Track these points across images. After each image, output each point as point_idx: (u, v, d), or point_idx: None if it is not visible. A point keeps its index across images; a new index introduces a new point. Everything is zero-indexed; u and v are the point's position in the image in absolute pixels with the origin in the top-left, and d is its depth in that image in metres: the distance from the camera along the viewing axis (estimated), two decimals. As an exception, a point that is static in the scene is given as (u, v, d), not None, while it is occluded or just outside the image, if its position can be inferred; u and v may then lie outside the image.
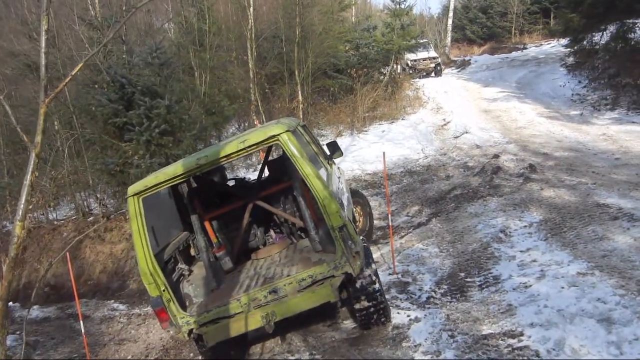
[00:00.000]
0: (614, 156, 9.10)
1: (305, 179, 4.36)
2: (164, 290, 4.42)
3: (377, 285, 4.66)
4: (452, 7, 31.96)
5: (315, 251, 4.96)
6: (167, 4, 17.56)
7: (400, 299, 5.49)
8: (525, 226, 6.58)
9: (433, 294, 5.46)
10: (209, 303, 4.69)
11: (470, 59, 28.42)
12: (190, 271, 5.22)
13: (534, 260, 5.59)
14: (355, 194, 7.12)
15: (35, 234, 9.51)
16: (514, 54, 27.30)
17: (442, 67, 24.86)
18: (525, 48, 28.65)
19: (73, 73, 2.55)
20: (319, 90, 16.83)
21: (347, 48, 18.68)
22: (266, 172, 6.39)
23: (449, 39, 32.06)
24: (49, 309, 7.85)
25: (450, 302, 5.21)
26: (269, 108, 15.47)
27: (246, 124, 14.94)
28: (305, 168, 4.33)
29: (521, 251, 5.93)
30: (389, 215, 6.31)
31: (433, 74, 23.47)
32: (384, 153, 6.71)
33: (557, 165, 8.99)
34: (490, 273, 5.59)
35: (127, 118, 8.53)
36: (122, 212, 9.46)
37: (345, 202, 5.02)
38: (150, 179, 4.54)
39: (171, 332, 4.63)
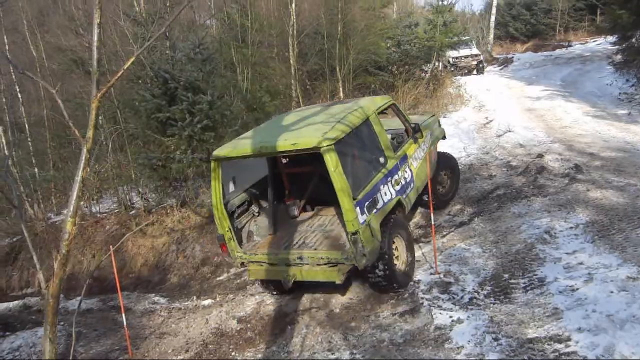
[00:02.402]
0: (664, 157, 8.75)
1: (338, 194, 4.97)
2: (227, 231, 5.78)
3: (384, 265, 5.49)
4: (495, 3, 31.23)
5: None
6: (210, 1, 17.88)
7: (443, 300, 5.41)
8: (571, 227, 6.38)
9: (476, 295, 5.36)
10: (260, 247, 6.07)
11: (513, 57, 27.76)
12: (260, 213, 6.48)
13: (581, 263, 5.42)
14: (447, 160, 8.12)
15: (79, 226, 9.81)
16: (558, 51, 26.52)
17: (485, 64, 24.33)
18: (570, 45, 27.83)
19: (125, 67, 2.58)
20: (360, 87, 16.74)
21: (388, 45, 18.50)
22: None
23: (491, 36, 31.36)
24: (91, 300, 8.08)
25: (494, 303, 5.10)
26: (310, 104, 15.52)
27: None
28: (336, 183, 4.94)
29: (567, 253, 5.75)
30: (431, 215, 6.21)
31: (475, 72, 23.02)
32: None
33: (604, 166, 8.68)
34: (535, 275, 5.44)
35: (170, 113, 8.70)
36: (163, 206, 9.68)
37: (398, 189, 5.99)
38: (227, 151, 5.62)
39: (227, 259, 6.12)
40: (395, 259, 5.72)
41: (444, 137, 8.46)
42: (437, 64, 18.67)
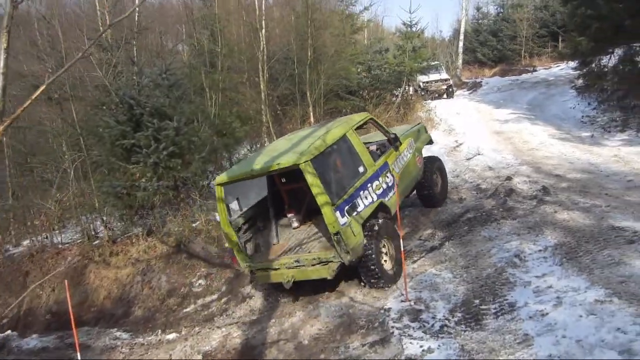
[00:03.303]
0: (626, 178, 8.93)
1: (317, 201, 5.80)
2: (235, 245, 6.64)
3: (371, 263, 6.20)
4: (462, 30, 32.15)
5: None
6: (181, 26, 17.80)
7: (413, 328, 5.29)
8: (540, 250, 6.37)
9: (447, 322, 5.25)
10: (264, 256, 6.96)
11: (481, 81, 28.44)
12: (264, 227, 7.44)
13: (550, 287, 5.38)
14: (435, 163, 8.87)
15: (39, 258, 9.37)
16: (524, 76, 27.28)
17: (454, 88, 24.84)
18: (535, 70, 28.68)
19: (33, 97, 2.44)
20: (331, 111, 16.80)
21: (359, 70, 18.72)
22: None
23: (460, 61, 32.15)
24: (48, 337, 7.65)
25: (465, 331, 5.00)
26: (280, 129, 15.46)
27: (258, 145, 14.92)
28: (315, 193, 5.81)
29: (537, 276, 5.71)
30: (401, 240, 6.13)
31: (445, 96, 23.43)
32: (394, 177, 6.59)
33: (570, 187, 8.80)
34: (506, 300, 5.38)
35: (135, 140, 8.49)
36: (128, 236, 9.35)
37: (379, 193, 6.74)
38: (225, 177, 6.56)
39: (238, 268, 7.02)
40: (383, 261, 6.45)
41: (430, 142, 9.45)
42: (407, 88, 18.93)
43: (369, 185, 6.61)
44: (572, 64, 18.74)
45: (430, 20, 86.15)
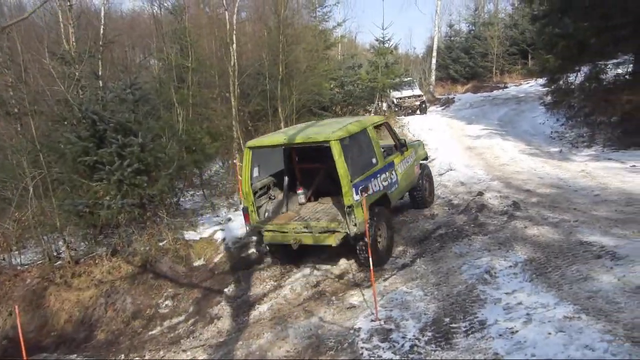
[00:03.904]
0: (593, 192, 9.07)
1: (339, 174, 6.70)
2: (251, 204, 7.49)
3: (372, 242, 6.90)
4: (435, 47, 32.68)
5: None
6: (152, 40, 17.57)
7: (383, 349, 5.15)
8: (511, 266, 6.35)
9: (417, 342, 5.13)
10: (274, 219, 7.68)
11: (454, 97, 28.84)
12: (275, 197, 8.19)
13: (520, 303, 5.33)
14: (423, 169, 9.73)
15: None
16: (495, 92, 27.79)
17: (427, 104, 25.09)
18: (506, 87, 29.27)
19: None
20: (303, 127, 16.71)
21: (332, 85, 18.76)
22: None
23: (433, 77, 32.61)
24: (2, 366, 7.27)
25: (435, 350, 4.89)
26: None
27: (229, 162, 14.71)
28: (339, 167, 6.69)
29: (507, 293, 5.66)
30: (370, 259, 6.00)
31: (418, 112, 23.63)
32: (364, 192, 6.53)
33: (540, 202, 8.87)
34: (476, 317, 5.29)
35: (98, 156, 8.20)
36: (92, 256, 8.99)
37: (385, 184, 7.74)
38: (258, 142, 7.50)
39: (247, 228, 7.73)
40: (378, 242, 7.29)
41: (426, 159, 10.35)
42: (380, 104, 19.01)
43: (378, 175, 7.59)
44: (541, 81, 19.19)
45: (403, 37, 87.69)
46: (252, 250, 9.26)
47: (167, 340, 7.22)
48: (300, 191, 8.32)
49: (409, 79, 24.75)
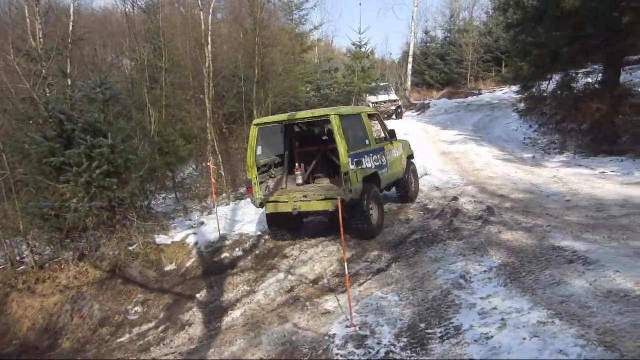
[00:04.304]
0: (564, 198, 9.22)
1: (337, 145, 7.60)
2: (254, 177, 8.34)
3: (364, 209, 7.94)
4: (411, 52, 32.97)
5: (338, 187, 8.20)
6: (124, 39, 17.19)
7: (358, 355, 5.05)
8: (485, 271, 6.34)
9: (392, 347, 5.05)
10: (275, 192, 8.58)
11: (429, 103, 29.14)
12: (275, 175, 9.09)
13: (495, 308, 5.31)
14: (409, 166, 10.54)
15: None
16: (469, 98, 28.19)
17: (403, 109, 25.26)
18: (480, 93, 29.74)
19: None
20: (279, 130, 16.57)
21: (308, 89, 18.69)
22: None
23: (409, 83, 32.89)
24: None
25: (410, 356, 4.81)
26: (226, 148, 15.07)
27: (203, 164, 14.47)
28: (337, 139, 7.59)
29: (481, 298, 5.63)
30: (345, 263, 5.91)
31: (394, 116, 23.77)
32: (339, 198, 6.48)
33: (513, 207, 8.96)
34: (451, 323, 5.24)
35: (65, 157, 7.90)
36: (57, 261, 8.66)
37: (376, 164, 8.67)
38: (262, 120, 8.61)
39: (250, 198, 8.57)
40: (370, 214, 8.09)
41: (412, 157, 11.02)
42: (356, 108, 18.99)
43: (370, 154, 8.49)
44: (515, 87, 19.52)
45: (380, 42, 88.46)
46: (225, 254, 9.09)
47: (136, 348, 6.98)
48: (298, 172, 9.14)
49: (385, 83, 24.91)
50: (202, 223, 10.47)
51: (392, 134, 9.75)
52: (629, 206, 8.15)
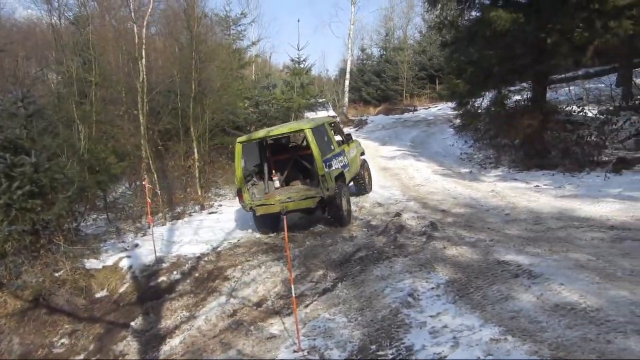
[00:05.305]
0: (504, 212, 9.40)
1: (313, 153, 9.14)
2: (243, 186, 9.58)
3: (338, 203, 9.44)
4: (348, 69, 33.50)
5: (314, 187, 9.63)
6: (51, 53, 16.23)
7: (307, 382, 4.79)
8: (433, 288, 6.28)
9: (342, 373, 4.84)
10: (261, 197, 9.86)
11: (367, 119, 29.60)
12: (256, 182, 10.24)
13: (446, 326, 5.23)
14: (363, 163, 12.38)
15: None
16: (406, 115, 28.89)
17: (341, 126, 25.39)
18: (416, 110, 30.59)
19: None
20: (217, 147, 16.17)
21: (246, 105, 18.41)
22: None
23: (346, 99, 33.33)
24: None
25: (362, 382, 4.62)
26: (162, 166, 14.44)
27: (137, 183, 13.76)
28: (313, 148, 9.16)
29: (431, 316, 5.54)
30: (292, 285, 5.66)
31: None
32: (284, 215, 6.23)
33: (455, 222, 9.04)
34: (403, 343, 5.10)
35: (-19, 178, 7.18)
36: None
37: (341, 165, 10.23)
38: (246, 138, 9.88)
39: (241, 205, 9.77)
40: (342, 206, 9.56)
41: (363, 153, 12.83)
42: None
43: (337, 157, 10.11)
44: (450, 104, 20.15)
45: (317, 59, 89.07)
46: (162, 278, 8.58)
47: (62, 386, 6.36)
48: (275, 178, 10.57)
49: (323, 100, 25.02)
50: (136, 245, 9.88)
51: (348, 137, 11.73)
52: (565, 219, 8.43)
